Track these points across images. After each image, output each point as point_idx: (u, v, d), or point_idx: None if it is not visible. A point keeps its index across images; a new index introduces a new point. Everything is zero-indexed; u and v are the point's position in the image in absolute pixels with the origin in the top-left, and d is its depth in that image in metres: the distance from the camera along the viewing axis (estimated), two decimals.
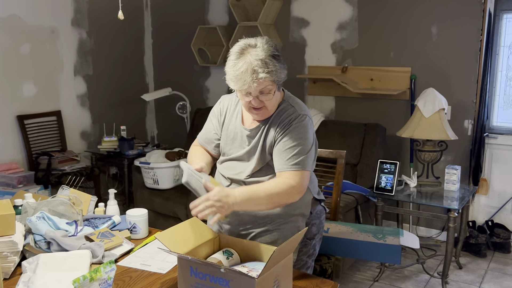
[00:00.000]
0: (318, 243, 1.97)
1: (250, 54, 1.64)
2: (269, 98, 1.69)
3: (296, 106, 1.78)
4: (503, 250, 3.62)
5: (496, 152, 3.69)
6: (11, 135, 3.99)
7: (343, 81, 3.93)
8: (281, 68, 1.67)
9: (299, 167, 1.70)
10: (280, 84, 1.72)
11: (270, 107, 1.74)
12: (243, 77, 1.63)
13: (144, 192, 3.86)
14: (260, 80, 1.62)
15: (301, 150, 1.71)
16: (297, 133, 1.72)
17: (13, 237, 1.66)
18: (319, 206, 1.93)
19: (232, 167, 1.85)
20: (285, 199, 1.71)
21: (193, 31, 4.65)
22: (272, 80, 1.65)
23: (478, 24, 3.52)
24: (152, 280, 1.62)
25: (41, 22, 4.13)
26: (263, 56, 1.63)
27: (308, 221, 1.88)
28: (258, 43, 1.68)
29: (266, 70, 1.62)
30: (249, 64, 1.63)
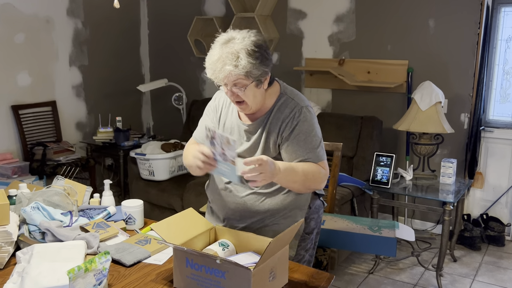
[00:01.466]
0: (316, 238, 1.97)
1: (228, 45, 1.63)
2: (242, 92, 1.66)
3: (296, 98, 1.77)
4: (497, 243, 3.64)
5: (492, 146, 3.69)
6: (6, 125, 3.96)
7: (340, 73, 3.92)
8: (257, 64, 1.62)
9: (320, 158, 1.74)
10: (260, 80, 1.67)
11: (250, 102, 1.70)
12: (213, 66, 1.64)
13: (139, 183, 3.85)
14: (225, 72, 1.61)
15: (315, 141, 1.74)
16: (307, 127, 1.73)
17: (8, 227, 1.65)
18: (317, 200, 1.92)
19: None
20: (317, 183, 1.75)
21: (190, 22, 4.62)
22: (241, 74, 1.61)
23: (476, 17, 3.51)
24: (147, 271, 1.61)
25: (36, 11, 4.09)
26: (236, 49, 1.61)
27: (307, 216, 1.86)
28: (239, 36, 1.65)
29: (234, 64, 1.60)
30: (221, 55, 1.62)
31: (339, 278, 3.15)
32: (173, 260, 1.51)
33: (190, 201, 3.47)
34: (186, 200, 3.55)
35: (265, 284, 1.42)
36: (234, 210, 1.82)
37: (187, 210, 1.72)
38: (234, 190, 1.81)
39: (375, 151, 3.48)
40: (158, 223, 1.59)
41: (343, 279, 3.16)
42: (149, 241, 1.80)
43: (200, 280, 1.44)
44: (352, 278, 3.18)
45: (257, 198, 1.79)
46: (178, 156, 3.78)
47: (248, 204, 1.79)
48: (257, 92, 1.70)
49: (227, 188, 1.83)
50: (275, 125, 1.74)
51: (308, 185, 1.75)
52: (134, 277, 1.57)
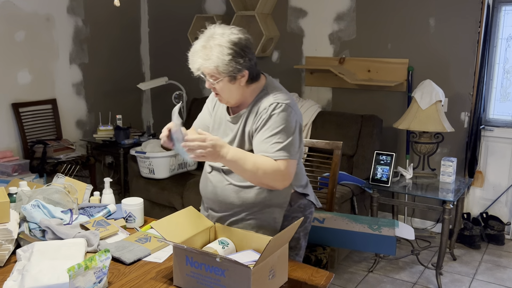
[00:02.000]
0: (303, 238, 1.95)
1: (208, 40, 1.71)
2: (218, 86, 1.73)
3: (274, 95, 1.77)
4: (497, 242, 3.65)
5: (492, 144, 3.69)
6: (6, 123, 3.97)
7: (340, 72, 3.91)
8: (227, 60, 1.67)
9: (284, 154, 1.70)
10: (234, 77, 1.71)
11: (225, 96, 1.77)
12: (190, 58, 1.75)
13: (139, 181, 3.85)
14: (196, 64, 1.71)
15: (282, 137, 1.71)
16: (275, 121, 1.72)
17: (8, 225, 1.65)
18: (303, 200, 1.91)
19: None
20: (269, 180, 1.71)
21: (190, 20, 4.61)
22: (210, 68, 1.68)
23: (477, 16, 3.51)
24: (147, 269, 1.62)
25: (36, 9, 4.09)
26: (211, 44, 1.69)
27: (288, 214, 1.86)
28: (220, 31, 1.71)
29: (205, 58, 1.69)
30: (199, 48, 1.72)
31: (339, 277, 3.15)
32: (173, 258, 1.51)
33: (190, 199, 3.48)
34: (186, 198, 3.55)
35: (264, 282, 1.42)
36: (213, 200, 1.88)
37: (187, 209, 1.72)
38: (214, 180, 1.88)
39: (375, 149, 3.48)
40: (158, 221, 1.60)
41: (342, 277, 3.16)
42: (149, 239, 1.80)
43: (200, 278, 1.45)
44: (352, 276, 3.19)
45: (232, 190, 1.82)
46: (178, 155, 3.78)
47: (224, 196, 1.84)
48: (232, 87, 1.75)
49: (207, 178, 1.91)
50: (251, 119, 1.78)
51: (260, 180, 1.72)
52: (134, 275, 1.57)
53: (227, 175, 1.83)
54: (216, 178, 1.86)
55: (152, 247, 1.74)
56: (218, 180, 1.86)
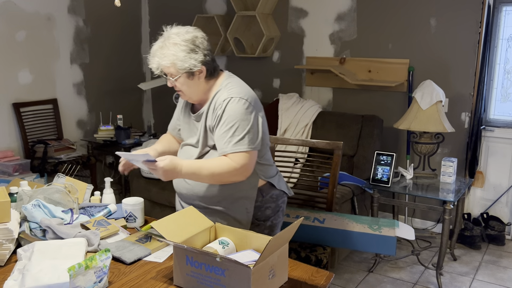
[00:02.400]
0: (277, 227, 2.04)
1: (164, 40, 1.83)
2: (178, 83, 1.82)
3: (229, 90, 1.84)
4: (497, 242, 3.65)
5: (492, 145, 3.69)
6: (7, 123, 3.97)
7: (341, 72, 3.92)
8: (182, 57, 1.77)
9: (239, 148, 1.77)
10: (191, 72, 1.80)
11: (187, 92, 1.86)
12: (150, 58, 1.86)
13: (140, 181, 3.85)
14: (154, 63, 1.82)
15: (237, 131, 1.77)
16: (229, 116, 1.79)
17: (8, 224, 1.65)
18: (275, 190, 1.98)
19: (184, 151, 1.99)
20: (228, 178, 1.81)
21: (191, 20, 4.61)
22: (167, 65, 1.79)
23: (477, 16, 3.51)
24: (148, 268, 1.62)
25: (37, 9, 4.09)
26: (166, 44, 1.80)
27: (261, 204, 1.94)
28: (175, 31, 1.84)
29: (160, 56, 1.80)
30: (156, 48, 1.83)
31: (339, 277, 3.15)
32: (173, 258, 1.51)
33: None
34: None
35: (264, 282, 1.42)
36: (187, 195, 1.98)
37: (188, 208, 1.73)
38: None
39: (375, 150, 3.48)
40: (159, 221, 1.60)
41: (343, 277, 3.16)
42: (149, 239, 1.80)
43: (200, 278, 1.45)
44: (352, 276, 3.19)
45: (202, 185, 1.90)
46: None
47: (195, 189, 1.93)
48: (191, 83, 1.84)
49: None
50: (210, 115, 1.86)
51: (220, 181, 1.83)
52: (134, 275, 1.57)
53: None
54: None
55: (153, 247, 1.75)
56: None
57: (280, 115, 3.94)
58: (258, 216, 1.95)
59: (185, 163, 1.79)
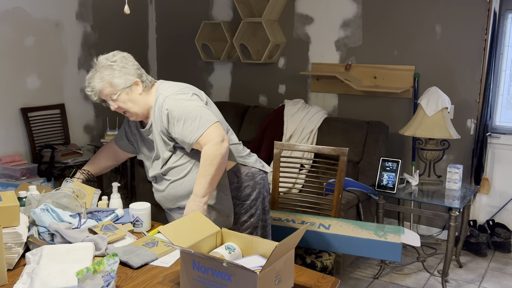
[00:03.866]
0: (261, 203, 2.13)
1: (94, 69, 1.97)
2: (120, 102, 1.93)
3: (162, 94, 1.96)
4: (503, 249, 3.63)
5: (498, 151, 3.69)
6: (15, 128, 4.01)
7: (346, 78, 3.93)
8: (115, 73, 1.92)
9: (203, 128, 1.87)
10: (129, 87, 1.94)
11: (133, 110, 1.97)
12: (89, 92, 1.98)
13: (146, 186, 3.87)
14: (95, 89, 1.94)
15: (191, 119, 1.88)
16: (174, 113, 1.89)
17: (17, 228, 1.67)
18: (249, 169, 2.09)
19: (153, 167, 2.10)
20: (221, 156, 1.87)
21: (197, 26, 4.65)
22: (106, 86, 1.91)
23: (483, 23, 3.51)
24: (154, 273, 1.63)
25: (45, 15, 4.14)
26: (97, 69, 1.95)
27: (238, 185, 2.04)
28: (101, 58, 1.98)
29: (97, 81, 1.93)
30: (89, 78, 1.96)
31: (345, 283, 3.15)
32: (180, 262, 1.52)
33: None
34: None
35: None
36: (167, 201, 2.10)
37: (194, 213, 1.74)
38: (158, 186, 2.10)
39: (381, 156, 3.49)
40: (166, 226, 1.61)
41: (348, 283, 3.16)
42: (156, 244, 1.82)
43: (206, 283, 1.46)
44: (357, 282, 3.18)
45: (176, 185, 2.03)
46: None
47: (171, 193, 2.05)
48: (133, 97, 1.96)
49: (156, 188, 2.13)
50: (157, 122, 1.97)
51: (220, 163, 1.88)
52: (141, 279, 1.59)
53: (166, 176, 2.05)
54: (160, 183, 2.09)
55: (159, 252, 1.76)
56: (161, 184, 2.08)
57: (285, 121, 3.96)
58: (238, 196, 2.07)
59: (196, 193, 1.88)
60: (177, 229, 1.60)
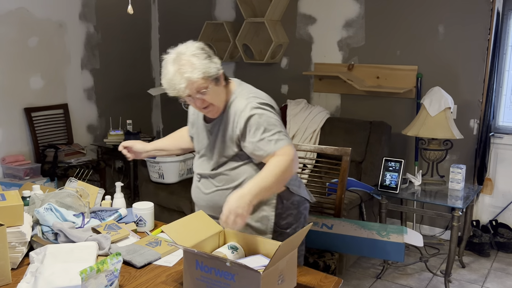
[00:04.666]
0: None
1: (177, 60, 1.73)
2: (209, 94, 1.75)
3: (245, 97, 1.81)
4: (506, 249, 3.62)
5: (501, 152, 3.68)
6: (19, 128, 4.02)
7: (349, 78, 3.93)
8: (207, 62, 1.72)
9: (281, 143, 1.74)
10: (217, 78, 1.76)
11: (217, 102, 1.79)
12: (171, 82, 1.72)
13: (149, 186, 3.88)
14: (186, 81, 1.69)
15: (271, 132, 1.75)
16: (255, 121, 1.76)
17: (21, 227, 1.68)
18: (296, 196, 1.94)
19: (201, 163, 1.95)
20: (289, 172, 1.75)
21: (200, 27, 4.66)
22: (200, 77, 1.70)
23: (486, 23, 3.51)
24: (158, 272, 1.64)
25: (49, 15, 4.15)
26: (187, 59, 1.71)
27: (281, 212, 1.90)
28: (183, 47, 1.76)
29: (190, 70, 1.69)
30: (175, 69, 1.71)
31: (347, 283, 3.15)
32: (183, 262, 1.52)
33: None
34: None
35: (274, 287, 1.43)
36: (206, 207, 1.93)
37: (197, 213, 1.74)
38: (203, 187, 1.94)
39: (383, 156, 3.49)
40: (169, 225, 1.61)
41: (350, 283, 3.16)
42: (159, 243, 1.82)
43: (209, 283, 1.46)
44: (360, 282, 3.18)
45: (222, 194, 1.84)
46: (187, 159, 3.81)
47: (215, 200, 1.88)
48: (219, 90, 1.79)
49: (197, 187, 1.97)
50: (228, 124, 1.82)
51: (283, 180, 1.76)
52: (145, 279, 1.59)
53: (213, 180, 1.90)
54: (205, 185, 1.92)
55: (163, 251, 1.76)
56: (207, 187, 1.92)
57: (288, 121, 3.96)
58: (280, 224, 1.90)
59: (245, 188, 1.69)
60: (180, 228, 1.60)
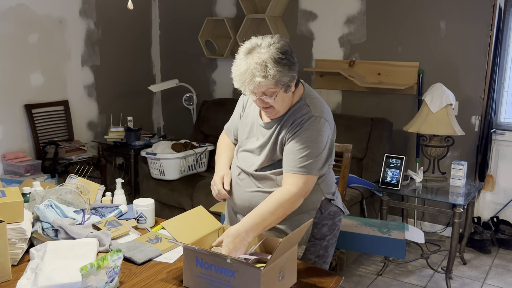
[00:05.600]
0: (331, 246, 1.91)
1: (253, 55, 1.62)
2: (272, 100, 1.66)
3: (312, 106, 1.74)
4: (507, 246, 3.62)
5: (502, 148, 3.67)
6: (19, 124, 4.02)
7: (350, 75, 3.91)
8: (285, 71, 1.61)
9: (305, 170, 1.68)
10: (289, 85, 1.66)
11: (278, 107, 1.71)
12: (241, 78, 1.63)
13: (150, 182, 3.88)
14: (255, 83, 1.60)
15: (309, 153, 1.68)
16: (307, 136, 1.68)
17: (22, 224, 1.68)
18: (333, 207, 1.87)
19: (245, 158, 1.85)
20: (290, 208, 1.69)
21: (201, 23, 4.64)
22: (271, 84, 1.60)
23: (488, 19, 3.49)
24: (158, 269, 1.64)
25: (49, 12, 4.14)
26: (263, 59, 1.59)
27: (318, 221, 1.83)
28: (265, 43, 1.63)
29: (263, 75, 1.58)
30: (248, 66, 1.61)
31: (348, 280, 3.15)
32: (183, 259, 1.52)
33: (199, 200, 3.50)
34: (195, 200, 3.57)
35: (274, 284, 1.43)
36: (241, 206, 1.84)
37: (197, 208, 1.74)
38: (243, 184, 1.83)
39: (385, 152, 3.48)
40: (169, 221, 1.61)
41: (351, 280, 3.16)
42: (160, 240, 1.82)
43: (209, 279, 1.46)
44: (361, 279, 3.18)
45: (262, 196, 1.76)
46: (188, 156, 3.80)
47: (253, 202, 1.78)
48: (286, 97, 1.71)
49: (236, 182, 1.85)
50: (285, 128, 1.74)
51: (283, 214, 1.68)
52: (145, 275, 1.59)
53: (256, 180, 1.80)
54: (245, 183, 1.82)
55: (163, 248, 1.76)
56: (247, 185, 1.82)
57: None
58: (314, 234, 1.83)
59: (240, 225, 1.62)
60: (180, 225, 1.60)
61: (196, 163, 3.90)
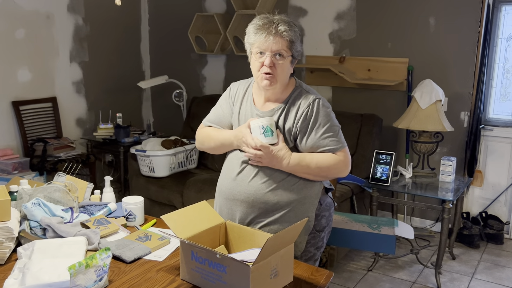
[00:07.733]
0: (326, 236, 1.95)
1: (274, 16, 1.77)
2: (282, 62, 1.75)
3: (311, 91, 1.86)
4: (496, 241, 3.66)
5: (491, 144, 3.70)
6: (6, 121, 3.97)
7: (340, 71, 3.92)
8: (298, 40, 1.77)
9: (340, 145, 1.81)
10: (295, 58, 1.80)
11: (278, 74, 1.77)
12: (265, 27, 1.73)
13: (139, 179, 3.86)
14: (279, 33, 1.71)
15: (334, 129, 1.81)
16: (323, 117, 1.79)
17: (9, 223, 1.65)
18: (328, 198, 1.91)
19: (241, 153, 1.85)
20: (334, 173, 1.82)
21: (190, 19, 4.61)
22: (288, 39, 1.72)
23: (477, 15, 3.51)
24: (148, 267, 1.62)
25: (36, 7, 4.09)
26: (288, 22, 1.75)
27: (318, 213, 1.85)
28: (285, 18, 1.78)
29: (287, 26, 1.73)
30: (272, 19, 1.74)
31: (338, 275, 3.16)
32: (180, 253, 1.53)
33: (190, 197, 3.48)
34: (186, 197, 3.55)
35: (265, 281, 1.43)
36: (243, 201, 1.81)
37: (200, 203, 1.72)
38: (243, 175, 1.82)
39: (375, 149, 3.49)
40: (169, 214, 1.59)
41: (342, 276, 3.17)
42: (149, 238, 1.81)
43: (203, 273, 1.46)
44: (351, 275, 3.19)
45: (265, 187, 1.78)
46: (178, 153, 3.78)
47: (258, 194, 1.78)
48: (286, 69, 1.79)
49: (240, 177, 1.83)
50: (292, 115, 1.80)
51: (325, 176, 1.82)
52: (135, 273, 1.58)
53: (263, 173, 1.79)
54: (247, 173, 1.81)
55: (153, 246, 1.75)
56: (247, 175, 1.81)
57: None
58: (315, 225, 1.85)
59: (292, 157, 1.77)
60: (180, 218, 1.60)
61: (186, 160, 3.89)
